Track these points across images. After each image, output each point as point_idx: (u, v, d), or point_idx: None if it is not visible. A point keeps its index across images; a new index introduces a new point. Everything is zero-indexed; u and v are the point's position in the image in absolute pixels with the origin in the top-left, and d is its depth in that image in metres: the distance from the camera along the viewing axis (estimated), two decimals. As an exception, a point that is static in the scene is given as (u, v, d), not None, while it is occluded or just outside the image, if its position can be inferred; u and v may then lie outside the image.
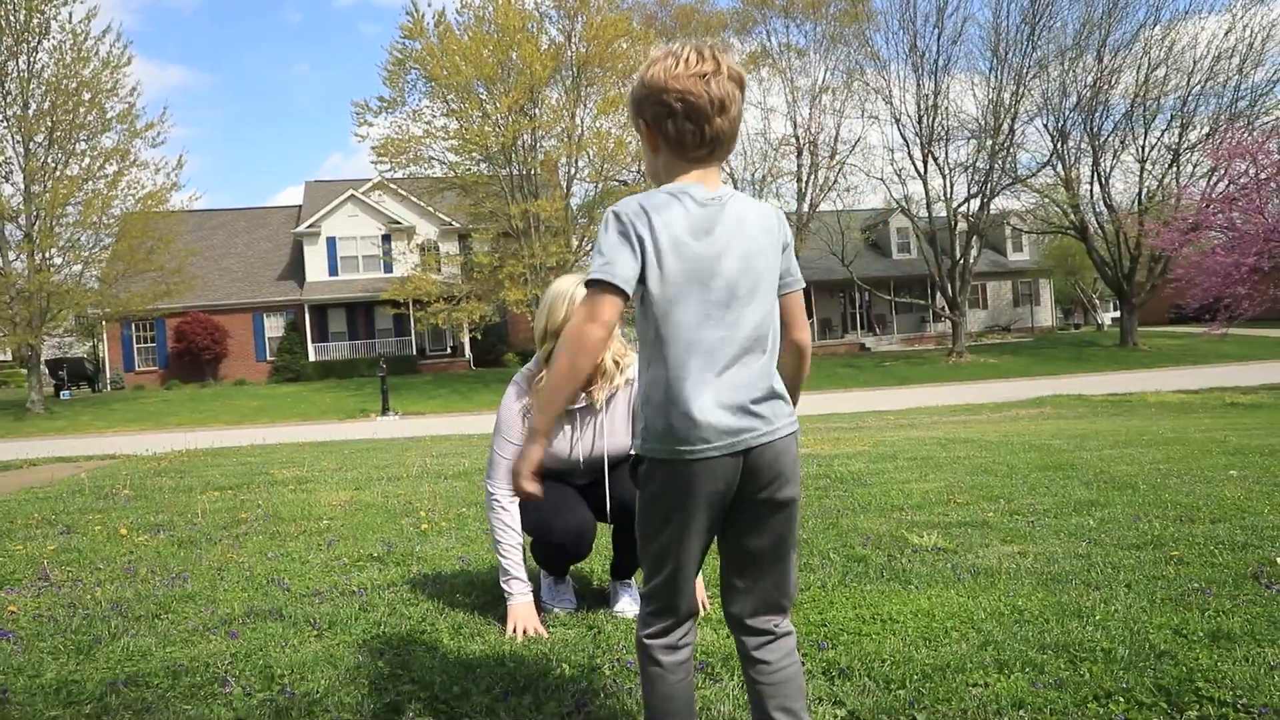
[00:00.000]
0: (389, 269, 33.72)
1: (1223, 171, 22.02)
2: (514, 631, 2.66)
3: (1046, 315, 43.48)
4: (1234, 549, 3.24)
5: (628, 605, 2.90)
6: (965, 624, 2.53)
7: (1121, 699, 2.00)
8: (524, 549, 2.87)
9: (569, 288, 2.70)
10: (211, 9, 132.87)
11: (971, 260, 33.08)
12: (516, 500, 2.81)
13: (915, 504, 4.50)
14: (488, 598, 3.05)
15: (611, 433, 2.88)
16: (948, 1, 31.69)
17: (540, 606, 2.89)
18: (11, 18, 23.21)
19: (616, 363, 2.82)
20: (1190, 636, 2.34)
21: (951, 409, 14.68)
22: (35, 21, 23.46)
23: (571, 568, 3.08)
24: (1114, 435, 7.87)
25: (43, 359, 27.82)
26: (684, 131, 1.59)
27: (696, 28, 35.18)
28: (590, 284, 1.55)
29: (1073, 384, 20.66)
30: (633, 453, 1.69)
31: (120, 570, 3.66)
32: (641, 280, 1.56)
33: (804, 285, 1.75)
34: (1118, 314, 37.60)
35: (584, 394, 2.81)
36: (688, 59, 1.59)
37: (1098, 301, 48.37)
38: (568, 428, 2.86)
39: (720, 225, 1.60)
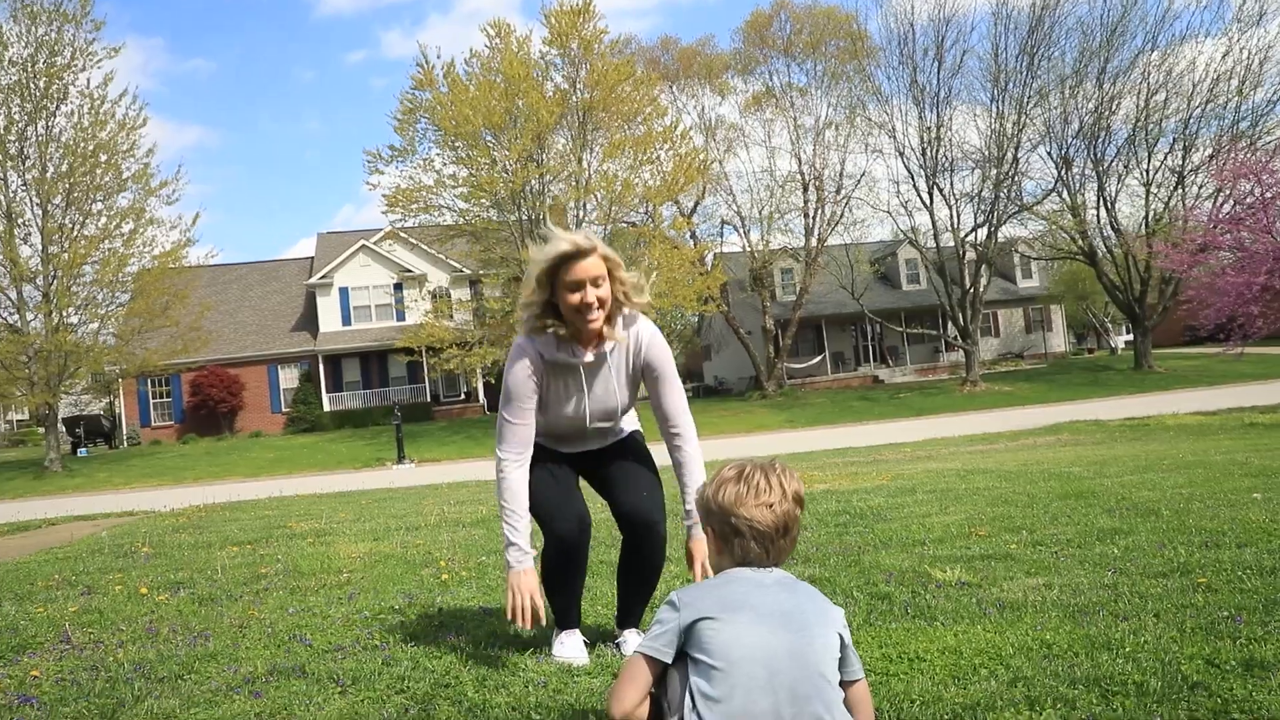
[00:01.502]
0: (401, 317, 34.00)
1: (1228, 192, 22.04)
2: (514, 596, 2.69)
3: (1059, 341, 43.32)
4: (1262, 574, 3.20)
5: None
6: (994, 660, 2.50)
7: (1156, 734, 1.97)
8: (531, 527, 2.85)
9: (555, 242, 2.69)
10: (228, 71, 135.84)
11: (981, 289, 33.08)
12: (525, 468, 2.80)
13: (936, 538, 4.46)
14: (511, 649, 3.03)
15: (613, 389, 2.84)
16: (946, 35, 32.11)
17: (552, 658, 2.88)
18: (32, 85, 23.79)
19: (622, 317, 2.79)
20: (1223, 666, 2.30)
21: (968, 439, 14.58)
22: (55, 88, 24.04)
23: (581, 622, 3.05)
24: (1134, 460, 7.80)
25: (60, 417, 28.05)
26: (749, 550, 1.81)
27: (699, 70, 35.70)
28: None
29: (1089, 409, 20.52)
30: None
31: (142, 630, 3.66)
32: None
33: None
34: (1131, 337, 37.43)
35: (587, 348, 2.79)
36: (757, 486, 1.81)
37: (1110, 325, 48.17)
38: (566, 387, 2.82)
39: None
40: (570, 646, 2.91)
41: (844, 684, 1.77)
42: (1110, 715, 2.07)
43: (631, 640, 2.91)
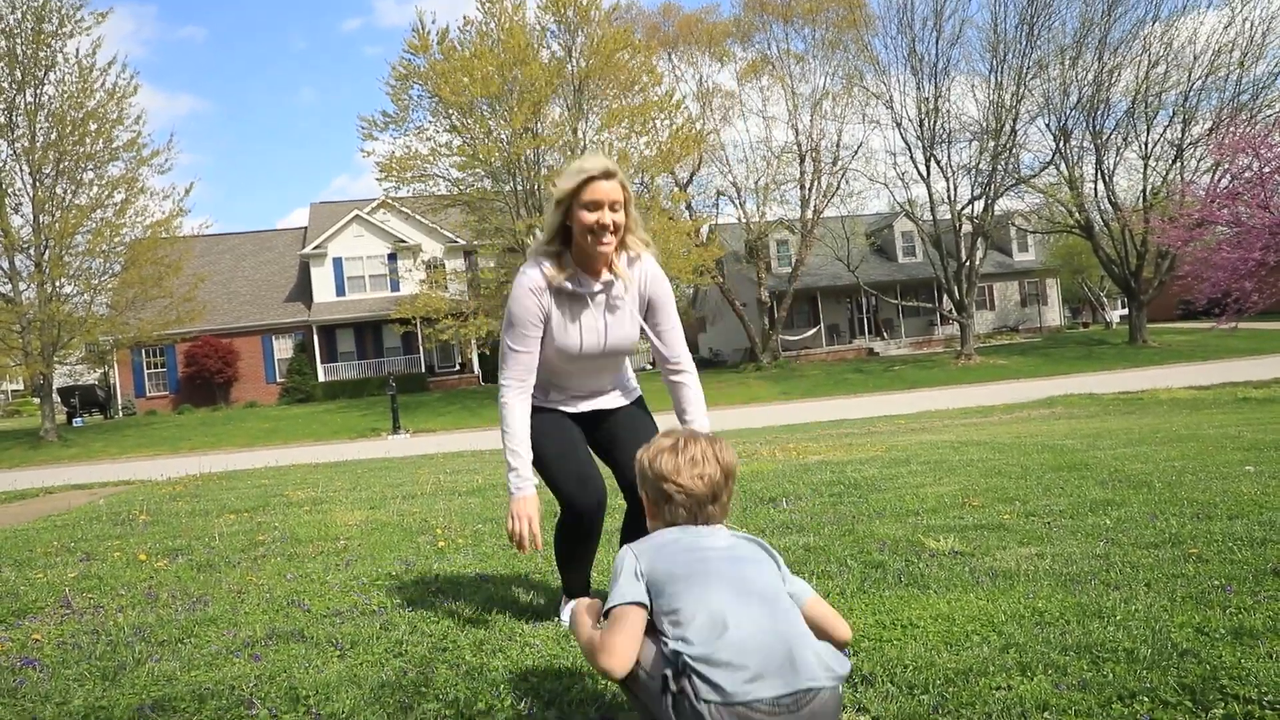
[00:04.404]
0: (396, 287, 33.87)
1: (1226, 166, 21.95)
2: (513, 521, 2.65)
3: (1054, 315, 43.37)
4: (1253, 545, 3.23)
5: None
6: (986, 627, 2.53)
7: (1146, 699, 1.99)
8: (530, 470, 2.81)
9: (585, 163, 2.66)
10: (220, 39, 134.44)
11: (977, 262, 33.04)
12: (528, 397, 2.77)
13: (930, 508, 4.50)
14: (508, 613, 3.06)
15: (619, 322, 2.80)
16: (945, 4, 31.78)
17: (560, 623, 2.90)
18: (20, 52, 23.47)
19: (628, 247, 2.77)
20: (1213, 634, 2.34)
21: (962, 411, 14.64)
22: (43, 55, 23.72)
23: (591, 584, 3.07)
24: (1127, 434, 7.84)
25: (54, 387, 28.00)
26: (678, 516, 1.90)
27: (700, 36, 35.38)
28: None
29: (1083, 383, 20.59)
30: None
31: (141, 595, 3.69)
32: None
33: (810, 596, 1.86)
34: (1126, 311, 37.46)
35: (592, 278, 2.76)
36: (692, 457, 1.90)
37: (1105, 299, 48.19)
38: (573, 316, 2.78)
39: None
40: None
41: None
42: (1101, 681, 2.10)
43: None
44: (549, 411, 2.91)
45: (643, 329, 2.88)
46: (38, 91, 24.00)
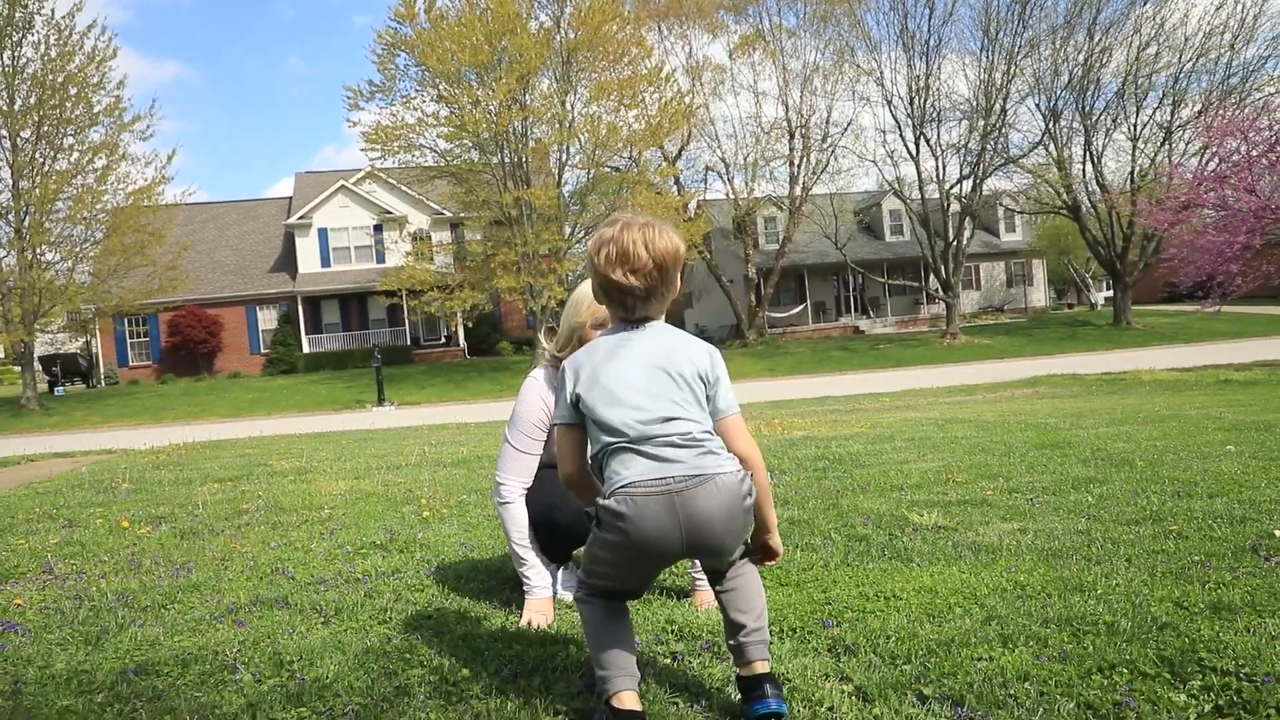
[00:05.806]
0: (381, 259, 33.60)
1: (1214, 149, 22.01)
2: (528, 624, 2.61)
3: (1040, 295, 43.57)
4: (1232, 523, 3.27)
5: None
6: (968, 600, 2.55)
7: (1125, 670, 2.02)
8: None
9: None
10: (206, 4, 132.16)
11: (964, 241, 33.10)
12: (523, 499, 2.78)
13: (914, 484, 4.52)
14: (492, 582, 3.06)
15: None
16: (938, -18, 31.58)
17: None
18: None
19: None
20: (1191, 609, 2.36)
21: (947, 390, 14.72)
22: (18, 16, 23.26)
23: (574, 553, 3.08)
24: (1109, 413, 7.91)
25: (36, 355, 27.72)
26: (625, 304, 1.98)
27: (690, 8, 35.03)
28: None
29: (1067, 363, 20.74)
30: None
31: (124, 562, 3.67)
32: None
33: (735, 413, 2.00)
34: (1111, 293, 37.68)
35: None
36: (626, 253, 1.92)
37: (1091, 281, 48.45)
38: None
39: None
40: (563, 580, 2.94)
41: (717, 425, 1.98)
42: (1081, 653, 2.12)
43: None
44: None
45: None
46: (15, 54, 23.55)
